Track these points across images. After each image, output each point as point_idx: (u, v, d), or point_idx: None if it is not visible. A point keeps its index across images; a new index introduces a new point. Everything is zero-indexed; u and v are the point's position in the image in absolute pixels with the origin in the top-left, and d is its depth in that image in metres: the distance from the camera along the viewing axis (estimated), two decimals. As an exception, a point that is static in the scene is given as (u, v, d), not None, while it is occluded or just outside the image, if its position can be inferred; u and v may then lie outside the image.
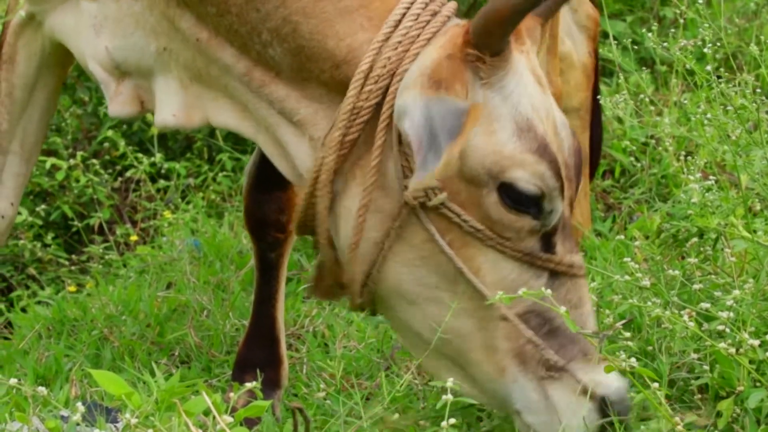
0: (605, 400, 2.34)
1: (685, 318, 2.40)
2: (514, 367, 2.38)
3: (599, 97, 3.67)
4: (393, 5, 2.42)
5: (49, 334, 3.83)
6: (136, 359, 3.52)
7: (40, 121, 3.04)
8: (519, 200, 2.33)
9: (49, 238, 4.90)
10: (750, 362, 2.38)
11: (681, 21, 4.09)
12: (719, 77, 2.95)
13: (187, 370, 3.45)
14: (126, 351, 3.57)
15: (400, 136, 2.35)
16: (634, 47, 4.24)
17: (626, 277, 2.67)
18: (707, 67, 2.95)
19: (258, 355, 3.23)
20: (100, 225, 4.91)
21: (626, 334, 2.46)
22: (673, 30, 3.90)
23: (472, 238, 2.35)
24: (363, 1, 2.42)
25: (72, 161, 4.98)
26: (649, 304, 2.54)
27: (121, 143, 4.95)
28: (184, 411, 2.20)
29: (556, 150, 2.36)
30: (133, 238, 4.77)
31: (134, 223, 5.00)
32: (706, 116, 3.04)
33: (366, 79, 2.37)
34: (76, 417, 2.22)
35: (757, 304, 2.57)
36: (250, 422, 2.95)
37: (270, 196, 3.18)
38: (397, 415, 2.50)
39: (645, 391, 2.28)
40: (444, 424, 2.21)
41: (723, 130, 3.03)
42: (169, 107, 2.63)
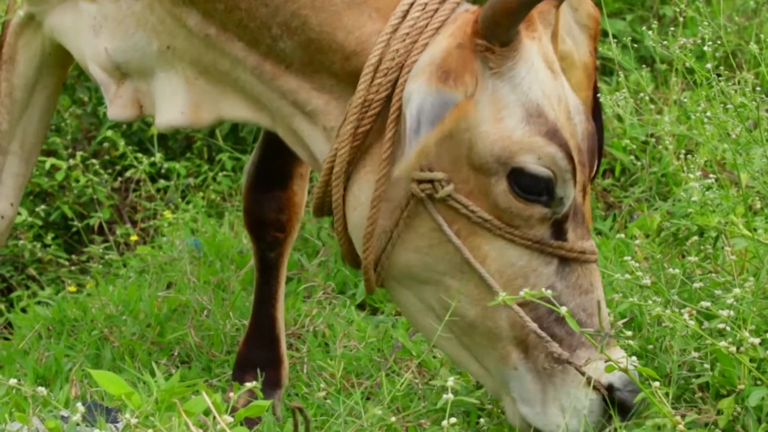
0: (612, 386, 2.34)
1: (685, 316, 2.40)
2: (516, 354, 2.39)
3: (599, 95, 3.67)
4: None
5: (49, 335, 3.83)
6: (137, 359, 3.52)
7: (40, 122, 3.04)
8: (529, 186, 2.33)
9: (49, 238, 4.90)
10: (751, 360, 2.38)
11: (681, 19, 4.09)
12: (719, 75, 2.94)
13: (187, 370, 3.44)
14: (126, 351, 3.57)
15: None
16: (634, 45, 4.23)
17: (627, 276, 2.66)
18: (707, 66, 2.95)
19: (258, 354, 3.23)
20: (100, 225, 4.90)
21: (627, 333, 2.46)
22: (672, 28, 3.90)
23: (480, 227, 2.36)
24: None
25: (72, 161, 4.98)
26: (649, 302, 2.54)
27: (121, 143, 4.95)
28: (185, 411, 2.20)
29: (569, 135, 2.36)
30: (133, 238, 4.77)
31: (134, 223, 5.00)
32: (706, 114, 3.03)
33: (375, 72, 2.38)
34: (76, 417, 2.22)
35: (757, 303, 2.57)
36: (250, 422, 2.95)
37: (269, 195, 3.18)
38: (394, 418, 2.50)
39: (646, 390, 2.27)
40: (445, 423, 2.21)
41: (723, 129, 3.02)
42: (175, 105, 2.63)
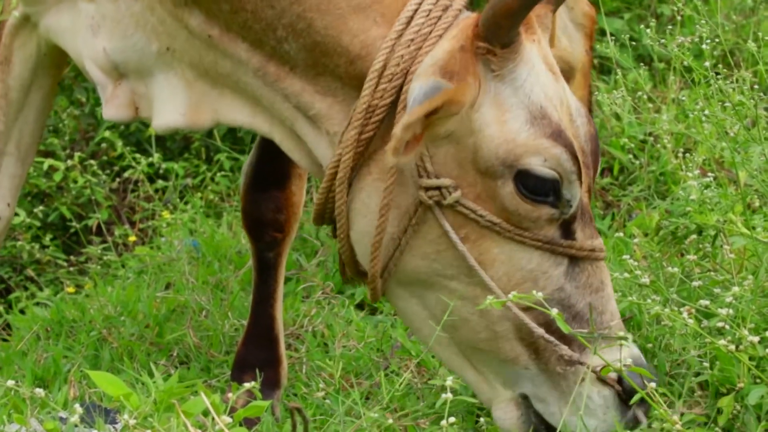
0: (620, 378, 2.33)
1: (684, 315, 2.40)
2: (527, 355, 2.39)
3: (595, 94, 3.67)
4: (406, 0, 2.42)
5: (47, 336, 3.83)
6: (135, 360, 3.51)
7: (36, 122, 3.03)
8: (535, 188, 2.34)
9: (47, 239, 4.90)
10: (750, 359, 2.38)
11: (678, 18, 4.08)
12: (717, 74, 2.94)
13: (186, 371, 3.44)
14: (125, 352, 3.57)
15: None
16: (632, 44, 4.23)
17: (625, 275, 2.66)
18: (705, 64, 2.95)
19: (257, 355, 3.23)
20: (99, 226, 4.90)
21: (621, 333, 2.45)
22: (670, 27, 3.90)
23: (489, 231, 2.36)
24: None
25: (69, 162, 4.98)
26: (648, 301, 2.54)
27: (119, 144, 4.95)
28: (183, 412, 2.19)
29: (572, 136, 2.37)
30: (132, 238, 4.77)
31: (132, 224, 5.00)
32: (704, 113, 3.03)
33: (380, 78, 2.38)
34: (75, 418, 2.21)
35: (756, 301, 2.57)
36: (249, 422, 2.95)
37: (267, 195, 3.17)
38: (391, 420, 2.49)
39: (641, 391, 2.27)
40: (444, 423, 2.20)
41: (721, 127, 3.02)
42: (174, 107, 2.62)
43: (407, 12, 2.41)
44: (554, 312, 2.25)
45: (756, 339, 2.35)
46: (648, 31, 3.21)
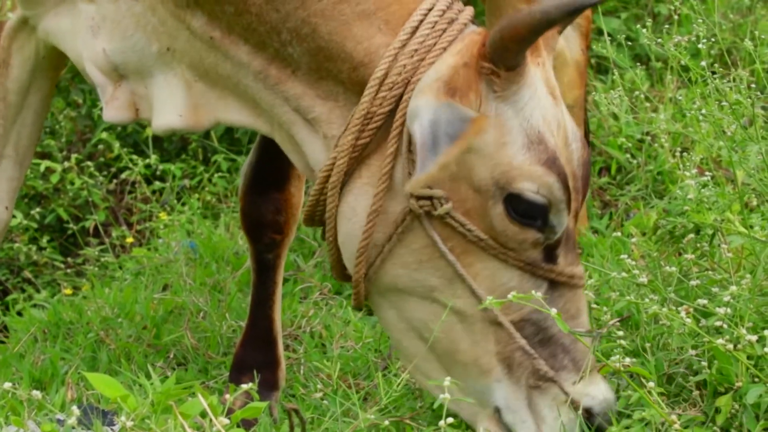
0: (590, 411, 2.35)
1: (682, 314, 2.40)
2: (500, 369, 2.39)
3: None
4: (412, 9, 2.42)
5: (44, 338, 3.82)
6: (133, 361, 3.51)
7: (34, 125, 3.03)
8: (525, 212, 2.34)
9: (44, 241, 4.90)
10: (748, 358, 2.38)
11: (675, 17, 4.08)
12: (714, 73, 2.94)
13: (183, 372, 3.44)
14: (122, 353, 3.57)
15: (409, 144, 2.37)
16: (629, 44, 4.24)
17: (623, 274, 2.66)
18: (702, 63, 2.95)
19: (255, 356, 3.23)
20: (96, 227, 4.90)
21: (620, 333, 2.45)
22: (667, 26, 3.89)
23: (475, 246, 2.36)
24: (381, 4, 2.42)
25: (66, 164, 4.98)
26: (646, 300, 2.53)
27: (116, 145, 4.94)
28: (181, 413, 2.19)
29: (566, 162, 2.37)
30: (129, 240, 4.77)
31: (130, 225, 4.99)
32: (701, 112, 3.03)
33: (380, 86, 2.38)
34: (72, 420, 2.21)
35: (754, 300, 2.57)
36: (247, 423, 2.94)
37: (266, 197, 3.17)
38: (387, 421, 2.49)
39: (640, 390, 2.27)
40: (441, 423, 2.20)
41: (718, 126, 3.02)
42: (173, 108, 2.62)
43: (412, 22, 2.41)
44: (553, 311, 2.25)
45: (754, 338, 2.35)
46: (645, 30, 3.21)
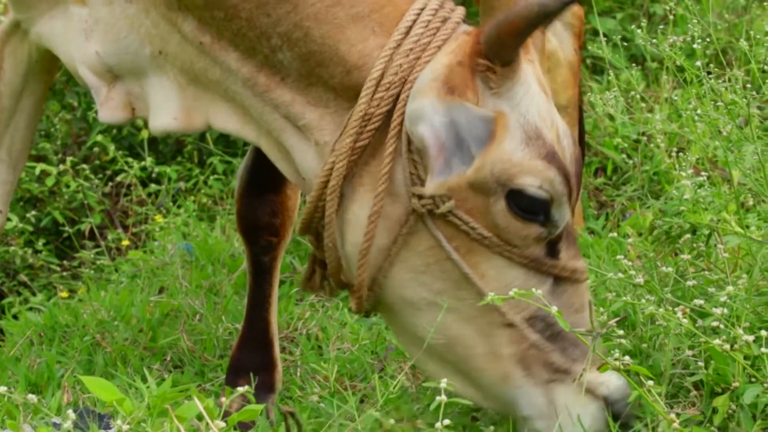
0: (607, 399, 2.35)
1: (679, 315, 2.40)
2: (518, 372, 2.39)
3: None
4: (404, 10, 2.42)
5: (40, 341, 3.81)
6: (129, 365, 3.50)
7: (27, 128, 3.02)
8: (527, 207, 2.34)
9: (40, 244, 4.89)
10: (744, 358, 2.38)
11: (671, 17, 4.09)
12: (709, 73, 2.94)
13: (180, 375, 3.43)
14: (118, 357, 3.56)
15: (409, 143, 2.36)
16: (624, 44, 4.23)
17: (619, 275, 2.66)
18: (697, 63, 2.95)
19: (252, 358, 3.22)
20: (91, 230, 4.89)
21: (620, 332, 2.45)
22: (662, 26, 3.90)
23: (479, 245, 2.36)
24: (374, 6, 2.42)
25: (62, 167, 4.97)
26: (642, 301, 2.53)
27: (111, 148, 4.94)
28: (177, 416, 2.19)
29: (562, 157, 2.37)
30: (125, 242, 4.76)
31: (125, 228, 4.99)
32: (697, 112, 3.03)
33: (377, 87, 2.38)
34: (68, 424, 2.20)
35: (750, 300, 2.57)
36: (243, 426, 2.94)
37: (262, 199, 3.16)
38: (392, 420, 2.49)
39: (640, 389, 2.27)
40: (438, 425, 2.20)
41: (714, 126, 3.02)
42: (168, 111, 2.62)
43: (406, 22, 2.40)
44: (554, 309, 2.25)
45: (751, 338, 2.35)
46: (640, 30, 3.21)
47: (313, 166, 2.48)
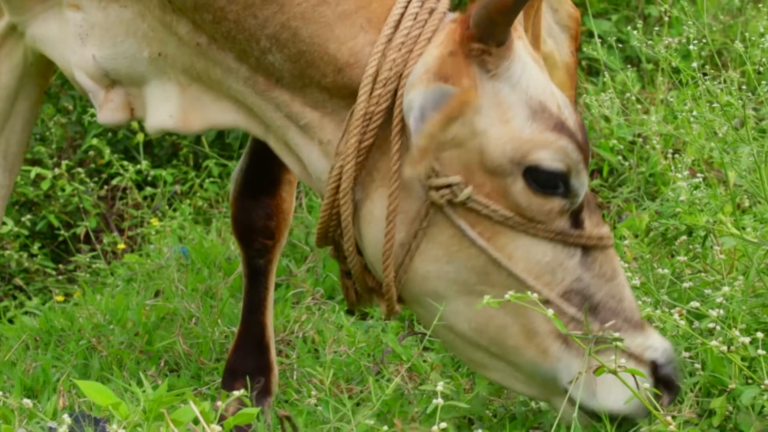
0: (655, 363, 2.34)
1: (675, 317, 2.39)
2: (556, 346, 2.37)
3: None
4: (390, 5, 2.41)
5: (36, 345, 3.81)
6: (125, 368, 3.50)
7: (23, 132, 3.01)
8: (546, 182, 2.34)
9: (35, 248, 4.88)
10: (741, 359, 2.37)
11: (666, 19, 4.09)
12: (705, 74, 2.95)
13: (176, 379, 3.43)
14: (114, 360, 3.55)
15: None
16: (620, 46, 4.24)
17: (616, 277, 2.65)
18: (693, 65, 2.95)
19: (248, 362, 3.22)
20: (87, 234, 4.89)
21: (616, 334, 2.45)
22: (658, 28, 3.90)
23: (503, 226, 2.35)
24: (361, 3, 2.41)
25: (57, 170, 4.96)
26: (639, 303, 2.53)
27: (107, 151, 4.93)
28: (173, 420, 2.18)
29: (570, 125, 2.38)
30: (121, 246, 4.75)
31: (121, 232, 4.98)
32: (692, 114, 3.03)
33: (374, 83, 2.37)
34: (63, 428, 2.20)
35: (747, 301, 2.57)
36: (240, 430, 2.93)
37: (257, 202, 3.16)
38: (386, 427, 2.48)
39: (636, 392, 2.26)
40: (435, 428, 2.19)
41: (710, 128, 3.02)
42: (165, 109, 2.61)
43: (394, 16, 2.40)
44: (549, 312, 2.25)
45: (747, 340, 2.35)
46: (635, 32, 3.21)
47: (319, 165, 2.48)
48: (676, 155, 3.45)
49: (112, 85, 2.67)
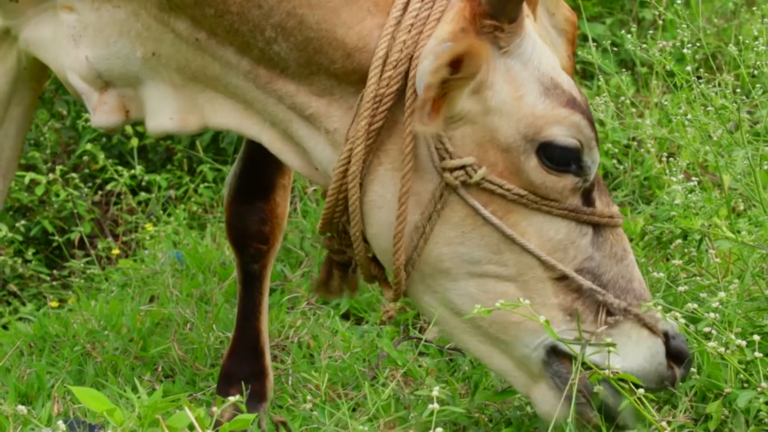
0: (667, 334, 2.36)
1: (671, 321, 2.39)
2: (561, 317, 2.37)
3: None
4: None
5: (30, 351, 3.80)
6: (120, 374, 3.49)
7: (17, 137, 3.00)
8: (559, 159, 2.36)
9: (29, 253, 4.87)
10: (737, 363, 2.37)
11: (660, 22, 4.09)
12: (699, 78, 2.95)
13: (171, 384, 3.42)
14: (109, 366, 3.54)
15: None
16: (614, 49, 4.23)
17: (611, 281, 2.65)
18: (687, 68, 2.95)
19: (243, 367, 3.21)
20: (81, 239, 4.88)
21: (608, 340, 2.44)
22: (652, 31, 3.90)
23: (516, 204, 2.37)
24: None
25: (51, 176, 4.95)
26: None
27: (101, 156, 4.92)
28: (168, 426, 2.18)
29: (582, 102, 2.40)
30: (115, 251, 4.75)
31: (115, 237, 4.97)
32: (687, 117, 3.04)
33: (384, 66, 2.37)
34: (58, 435, 2.19)
35: (742, 305, 2.57)
36: (235, 436, 2.92)
37: (251, 206, 3.16)
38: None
39: (630, 398, 2.26)
40: (431, 433, 2.19)
41: (704, 131, 3.02)
42: (164, 111, 2.60)
43: None
44: (542, 319, 2.25)
45: (743, 343, 2.35)
46: (630, 35, 3.21)
47: (326, 155, 2.47)
48: (671, 159, 3.45)
49: (105, 87, 2.67)
